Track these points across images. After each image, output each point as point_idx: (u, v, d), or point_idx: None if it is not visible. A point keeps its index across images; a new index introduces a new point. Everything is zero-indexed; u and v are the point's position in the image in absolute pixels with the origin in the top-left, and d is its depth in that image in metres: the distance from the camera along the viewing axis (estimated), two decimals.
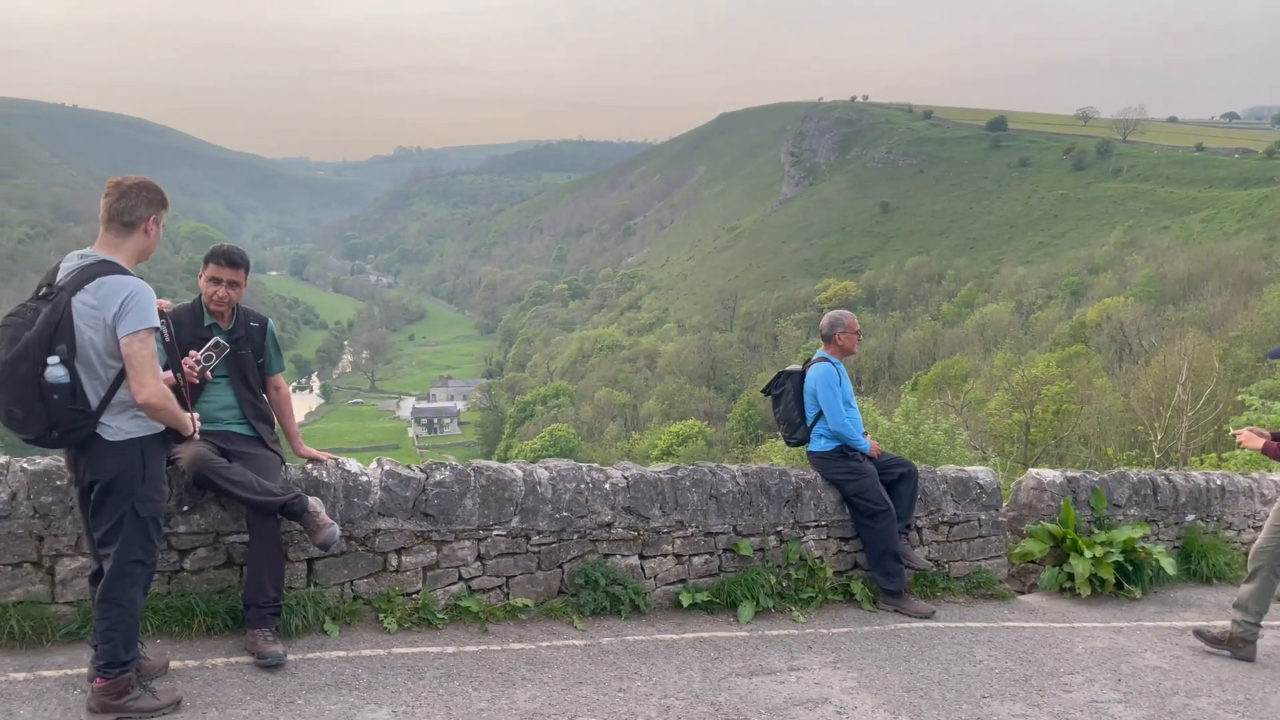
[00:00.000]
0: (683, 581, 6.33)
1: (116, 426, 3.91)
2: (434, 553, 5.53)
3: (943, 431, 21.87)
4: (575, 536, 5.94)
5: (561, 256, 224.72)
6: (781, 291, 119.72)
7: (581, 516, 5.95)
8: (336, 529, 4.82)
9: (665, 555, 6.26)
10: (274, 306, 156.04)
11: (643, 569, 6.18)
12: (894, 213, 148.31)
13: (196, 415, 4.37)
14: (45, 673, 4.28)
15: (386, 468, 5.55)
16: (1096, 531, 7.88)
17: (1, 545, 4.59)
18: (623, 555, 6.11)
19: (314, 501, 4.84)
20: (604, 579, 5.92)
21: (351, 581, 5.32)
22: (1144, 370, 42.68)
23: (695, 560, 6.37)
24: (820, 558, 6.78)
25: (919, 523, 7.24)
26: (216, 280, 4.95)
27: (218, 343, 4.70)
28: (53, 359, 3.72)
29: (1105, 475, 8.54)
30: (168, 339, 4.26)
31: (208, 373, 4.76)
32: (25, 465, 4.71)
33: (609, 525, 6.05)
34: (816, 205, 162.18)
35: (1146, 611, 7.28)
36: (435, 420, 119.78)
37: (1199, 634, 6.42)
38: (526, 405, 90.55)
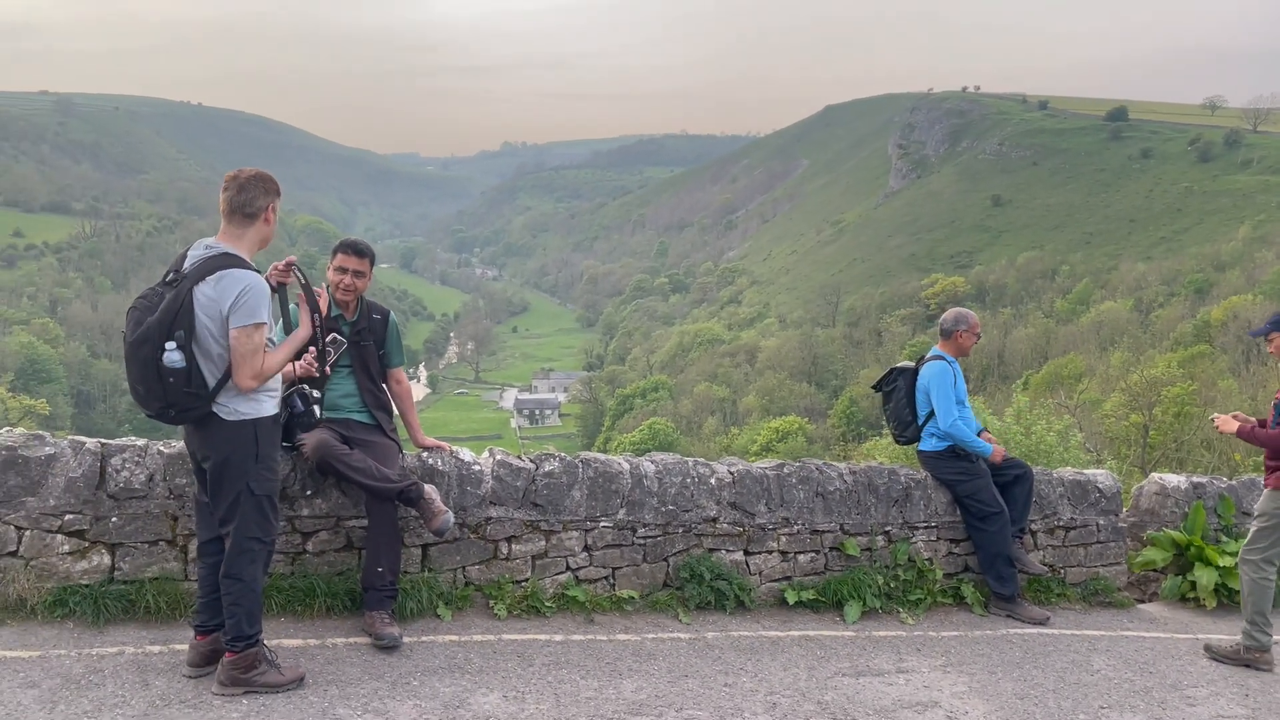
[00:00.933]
0: (788, 579, 6.29)
1: (231, 407, 4.06)
2: (543, 542, 5.62)
3: (1056, 433, 21.13)
4: (680, 530, 5.96)
5: (663, 250, 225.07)
6: (886, 287, 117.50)
7: (687, 510, 5.97)
8: (451, 516, 4.95)
9: (770, 552, 6.23)
10: (384, 298, 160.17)
11: (748, 565, 6.17)
12: (1006, 206, 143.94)
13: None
14: (178, 646, 4.50)
15: (498, 457, 5.66)
16: (1224, 540, 7.52)
17: (139, 524, 4.85)
18: (728, 550, 6.11)
19: (429, 488, 4.97)
20: (709, 573, 5.93)
21: (463, 568, 5.45)
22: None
23: (801, 558, 6.32)
24: (930, 559, 6.65)
25: (1034, 526, 7.04)
26: (343, 269, 5.11)
27: (335, 338, 4.82)
28: (170, 344, 3.92)
29: (1233, 482, 8.16)
30: (316, 324, 4.49)
31: (326, 367, 4.89)
32: (162, 448, 4.96)
33: (714, 520, 6.06)
34: (924, 199, 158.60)
35: (1276, 625, 6.93)
36: (537, 411, 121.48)
37: (1207, 649, 6.14)
38: (626, 398, 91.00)
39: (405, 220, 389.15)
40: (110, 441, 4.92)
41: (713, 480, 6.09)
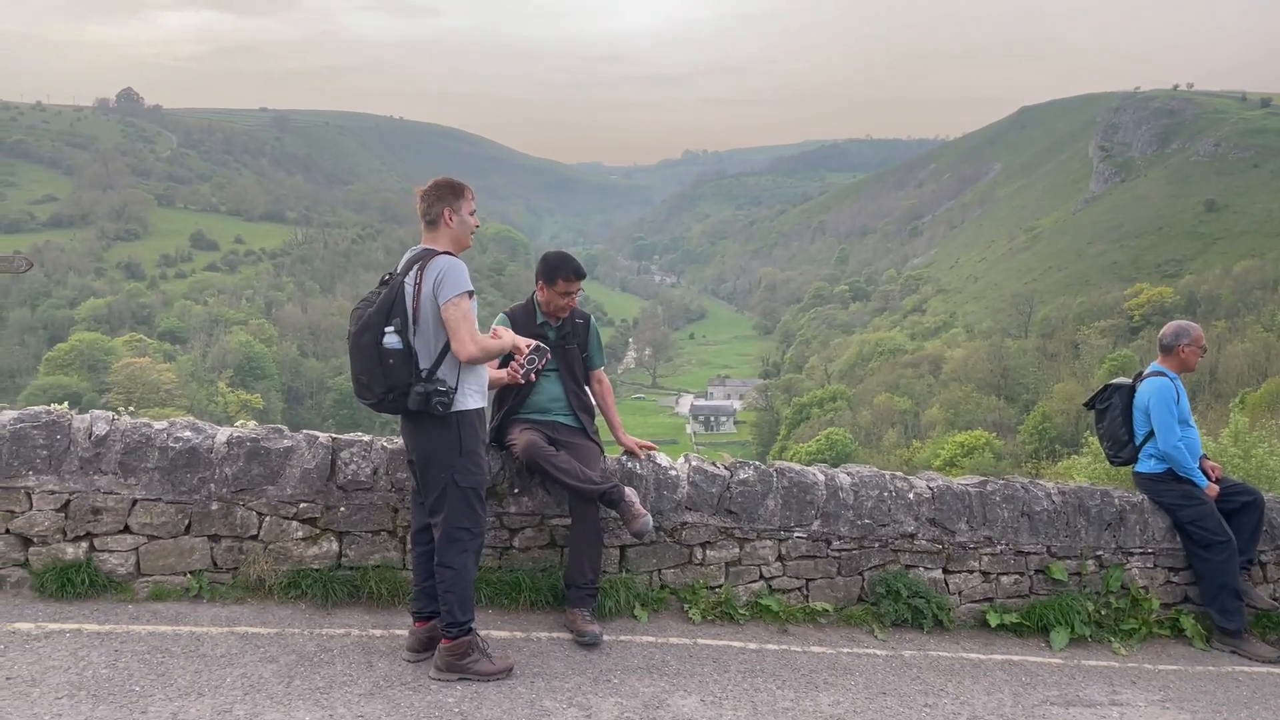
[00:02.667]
0: (989, 600, 6.07)
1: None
2: (737, 549, 5.65)
3: (1279, 457, 19.41)
4: (876, 545, 5.86)
5: (843, 258, 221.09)
6: (1085, 297, 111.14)
7: (883, 525, 5.86)
8: (650, 519, 5.05)
9: (971, 571, 6.03)
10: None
11: (946, 583, 5.99)
12: (1221, 211, 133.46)
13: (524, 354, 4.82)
14: (399, 631, 4.79)
15: (694, 463, 5.73)
16: None
17: (364, 515, 5.19)
18: (925, 568, 5.95)
19: (630, 491, 5.09)
20: (906, 590, 5.79)
21: (659, 570, 5.55)
22: None
23: (1004, 579, 6.09)
24: (1145, 587, 6.27)
25: (1263, 557, 6.52)
26: (567, 294, 5.29)
27: (539, 347, 4.93)
28: (389, 328, 4.29)
29: None
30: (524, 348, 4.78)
31: (532, 374, 5.04)
32: (385, 444, 5.29)
33: (912, 536, 5.92)
34: (1129, 203, 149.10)
35: None
36: (712, 418, 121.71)
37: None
38: (803, 407, 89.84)
39: (588, 228, 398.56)
40: (340, 436, 5.29)
41: (911, 495, 5.96)
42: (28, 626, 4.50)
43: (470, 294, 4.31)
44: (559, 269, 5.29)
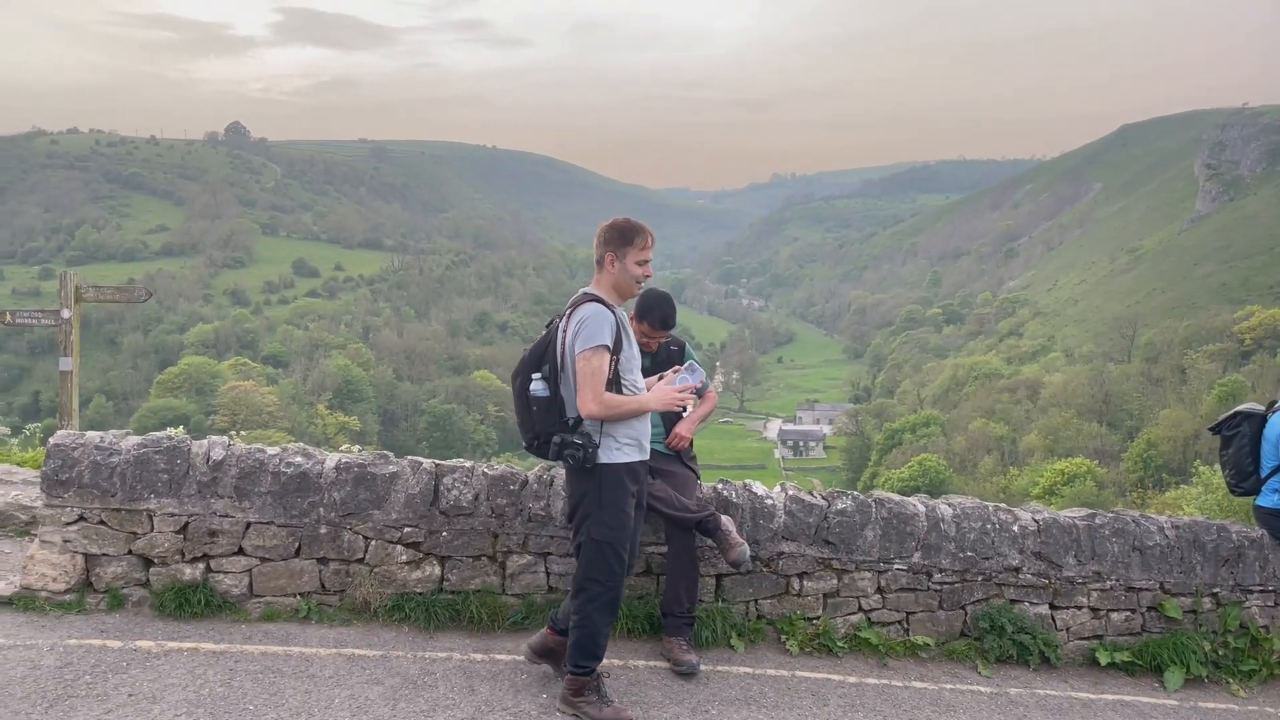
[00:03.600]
0: (1099, 638, 5.86)
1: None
2: (834, 580, 5.58)
3: None
4: (979, 578, 5.72)
5: (936, 280, 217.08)
6: (1191, 320, 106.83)
7: (987, 558, 5.72)
8: (747, 548, 5.02)
9: (1079, 607, 5.84)
10: None
11: (1053, 619, 5.81)
12: None
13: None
14: (499, 656, 4.86)
15: (790, 492, 5.69)
16: None
17: (465, 540, 5.29)
18: (1031, 603, 5.79)
19: (726, 520, 5.07)
20: (1010, 625, 5.64)
21: (756, 600, 5.51)
22: None
23: (1114, 616, 5.88)
24: (1265, 627, 5.99)
25: None
26: (650, 337, 5.32)
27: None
28: (536, 375, 4.31)
29: None
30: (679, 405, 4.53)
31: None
32: (486, 470, 5.39)
33: (1017, 570, 5.76)
34: (1238, 223, 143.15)
35: None
36: (801, 443, 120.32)
37: None
38: (894, 433, 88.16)
39: (676, 252, 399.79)
40: (443, 462, 5.41)
41: (1015, 528, 5.80)
42: (149, 645, 4.69)
43: (605, 348, 4.16)
44: (647, 313, 5.29)
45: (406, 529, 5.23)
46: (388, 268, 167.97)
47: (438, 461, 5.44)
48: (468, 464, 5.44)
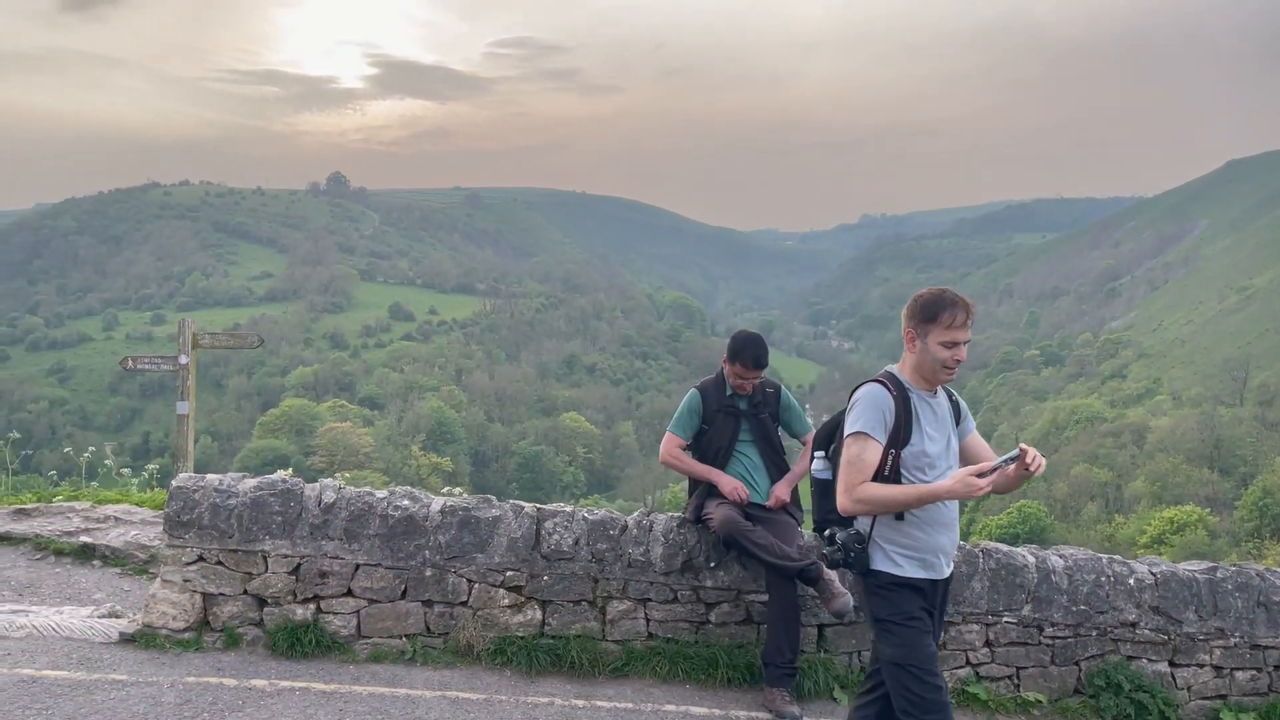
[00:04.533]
0: (1222, 697, 5.59)
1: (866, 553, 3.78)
2: (941, 633, 5.43)
3: None
4: (1094, 633, 5.51)
5: (1033, 320, 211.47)
6: None
7: (1101, 612, 5.51)
8: (850, 598, 4.94)
9: (1201, 665, 5.57)
10: None
11: (1173, 678, 5.56)
12: None
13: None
14: (599, 703, 4.86)
15: None
16: None
17: (566, 584, 5.32)
18: (1149, 660, 5.55)
19: (828, 569, 5.01)
20: (1128, 683, 5.41)
21: (859, 652, 5.41)
22: None
23: (1239, 675, 5.60)
24: None
25: None
26: (743, 378, 5.33)
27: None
28: (819, 454, 4.05)
29: None
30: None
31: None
32: (586, 515, 5.43)
33: (1133, 625, 5.54)
34: None
35: None
36: None
37: None
38: None
39: (763, 293, 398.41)
40: (544, 506, 5.48)
41: (1131, 581, 5.59)
42: (262, 684, 4.82)
43: (866, 436, 3.64)
44: (739, 354, 5.32)
45: (509, 572, 5.29)
46: (480, 311, 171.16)
47: (539, 505, 5.51)
48: (568, 508, 5.50)
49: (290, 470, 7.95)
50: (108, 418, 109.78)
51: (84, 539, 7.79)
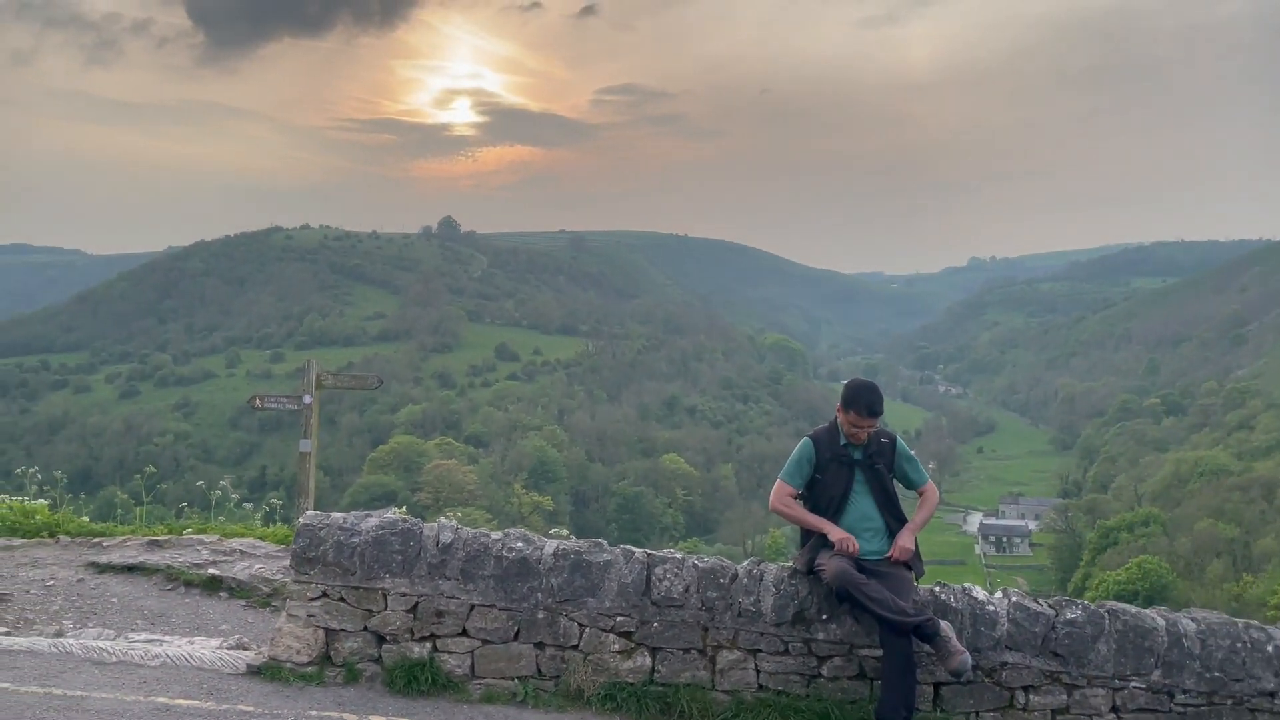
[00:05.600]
0: None
1: None
2: (1064, 696, 5.24)
3: None
4: (1229, 702, 5.24)
5: (1153, 368, 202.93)
6: None
7: (1237, 680, 5.23)
8: (969, 657, 4.82)
9: None
10: None
11: None
12: None
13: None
14: None
15: (1014, 599, 5.43)
16: None
17: (675, 631, 5.32)
18: None
19: (945, 625, 4.90)
20: None
21: (977, 713, 5.25)
22: None
23: None
24: None
25: None
26: (859, 427, 5.29)
27: None
28: None
29: None
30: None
31: None
32: (697, 563, 5.43)
33: (1272, 695, 5.24)
34: None
35: None
36: (1004, 539, 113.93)
37: None
38: (1109, 531, 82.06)
39: (867, 337, 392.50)
40: (654, 552, 5.50)
41: (1269, 648, 5.30)
42: None
43: None
44: (852, 402, 5.29)
45: (619, 618, 5.33)
46: (582, 352, 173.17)
47: (649, 551, 5.54)
48: (678, 555, 5.51)
49: (404, 508, 8.17)
50: (228, 452, 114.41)
51: (212, 571, 8.14)
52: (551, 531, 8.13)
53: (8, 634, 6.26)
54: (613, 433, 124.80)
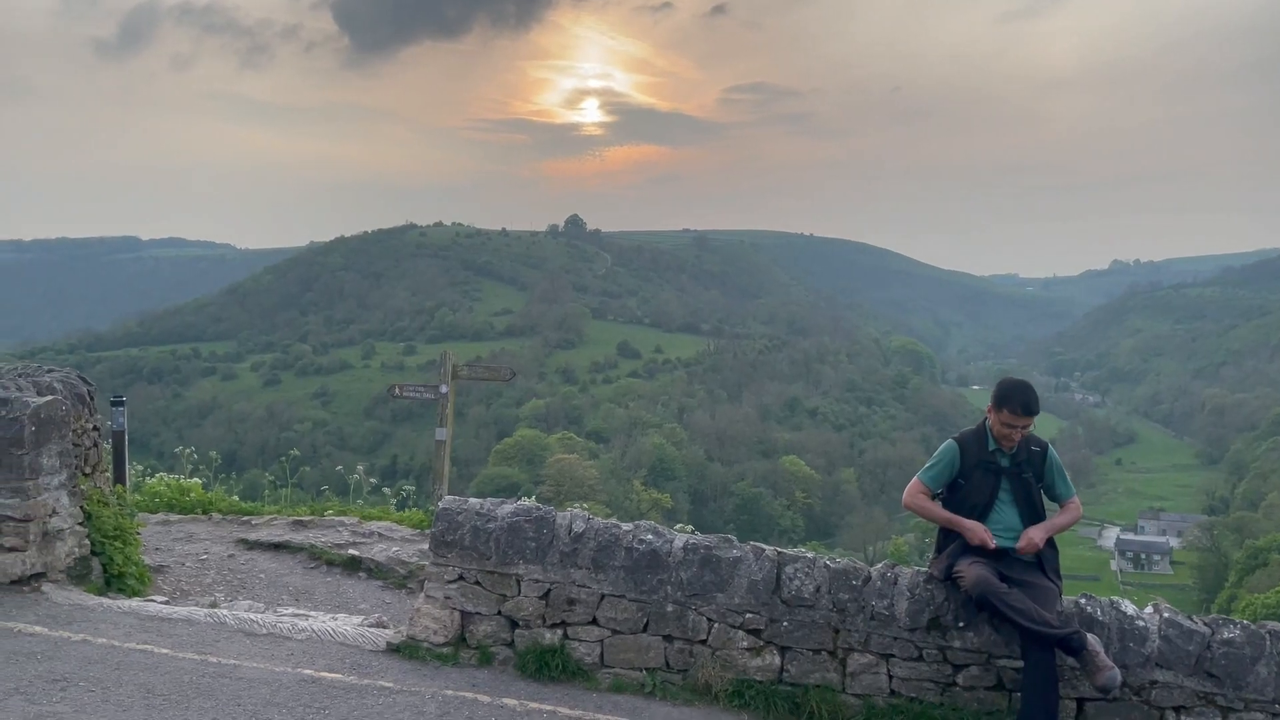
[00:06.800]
0: None
1: None
2: (1218, 719, 4.96)
3: None
4: None
5: None
6: None
7: None
8: (1118, 673, 4.62)
9: None
10: (975, 421, 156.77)
11: None
12: None
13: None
14: None
15: (1165, 614, 5.17)
16: None
17: (805, 632, 5.26)
18: None
19: (1093, 639, 4.70)
20: None
21: None
22: None
23: None
24: None
25: None
26: (1012, 426, 5.10)
27: None
28: None
29: None
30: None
31: None
32: (829, 563, 5.36)
33: None
34: None
35: None
36: (1142, 555, 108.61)
37: None
38: (1259, 551, 77.09)
39: (999, 342, 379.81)
40: (784, 551, 5.46)
41: None
42: (513, 703, 5.05)
43: None
44: (1006, 399, 5.11)
45: (748, 614, 5.30)
46: (703, 351, 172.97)
47: (780, 550, 5.49)
48: (809, 554, 5.45)
49: (534, 497, 8.33)
50: (362, 439, 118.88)
51: (352, 552, 8.47)
52: (676, 528, 8.15)
53: (167, 603, 6.65)
54: (732, 432, 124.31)
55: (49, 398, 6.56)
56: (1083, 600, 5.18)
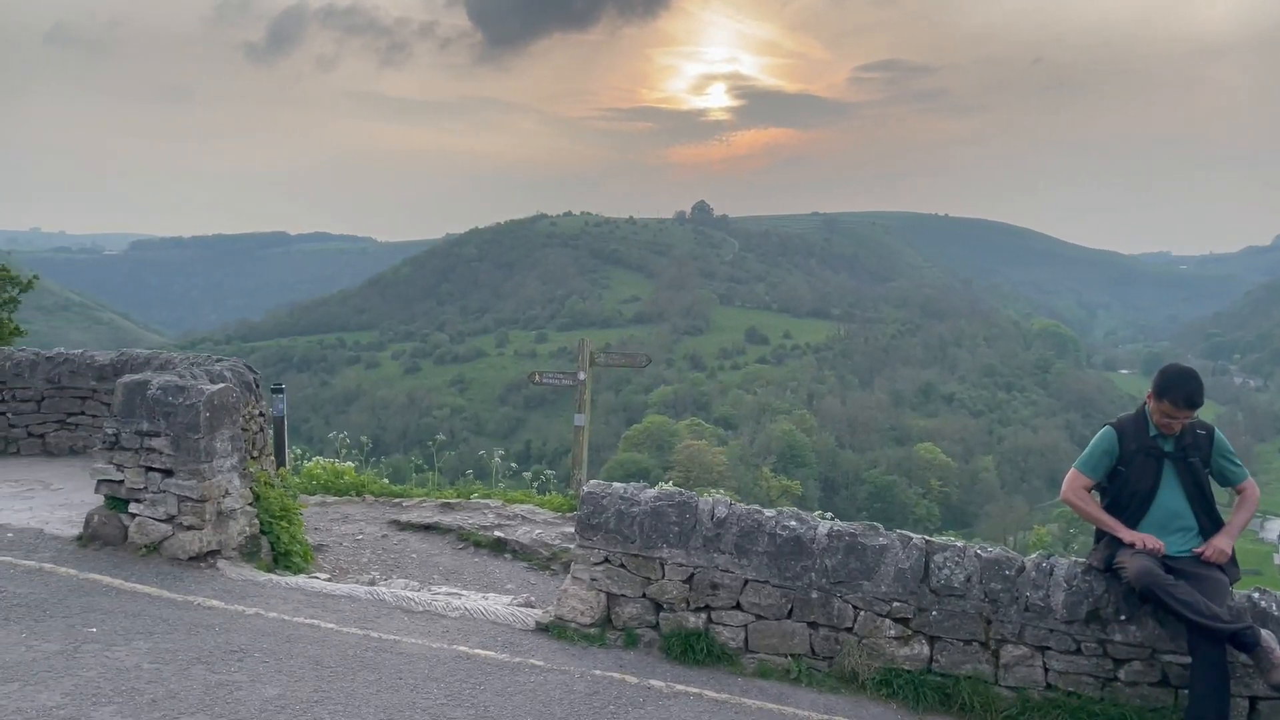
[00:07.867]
0: None
1: None
2: None
3: None
4: None
5: None
6: None
7: None
8: None
9: None
10: (1123, 407, 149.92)
11: None
12: None
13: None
14: None
15: None
16: None
17: (955, 622, 5.16)
18: None
19: (1267, 635, 4.46)
20: None
21: None
22: None
23: None
24: None
25: None
26: (1173, 417, 4.87)
27: None
28: None
29: None
30: None
31: None
32: (979, 552, 5.24)
33: None
34: None
35: None
36: None
37: None
38: None
39: (1151, 323, 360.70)
40: (933, 540, 5.36)
41: None
42: (659, 684, 5.13)
43: None
44: (1168, 390, 4.86)
45: (895, 603, 5.23)
46: (833, 336, 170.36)
47: (928, 538, 5.39)
48: (959, 544, 5.34)
49: (670, 483, 8.40)
50: (497, 425, 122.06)
51: (497, 534, 8.74)
52: (815, 514, 8.10)
53: (329, 580, 7.01)
54: (864, 419, 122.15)
55: (221, 385, 6.99)
56: (1255, 595, 4.91)
